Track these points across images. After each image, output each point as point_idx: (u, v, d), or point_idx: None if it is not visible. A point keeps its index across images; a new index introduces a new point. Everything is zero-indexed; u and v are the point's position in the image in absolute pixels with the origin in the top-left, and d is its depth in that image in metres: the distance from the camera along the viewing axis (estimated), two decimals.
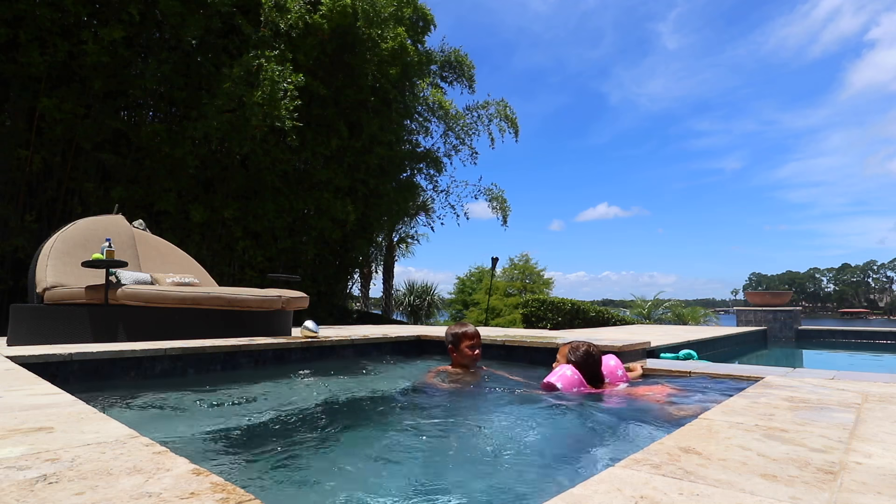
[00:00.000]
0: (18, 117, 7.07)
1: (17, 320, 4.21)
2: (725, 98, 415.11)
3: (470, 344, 3.34)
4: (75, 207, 7.47)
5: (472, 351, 3.33)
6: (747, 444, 1.22)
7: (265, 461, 1.66)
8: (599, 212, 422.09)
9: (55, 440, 1.11)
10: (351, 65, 9.50)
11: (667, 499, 0.84)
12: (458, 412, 2.49)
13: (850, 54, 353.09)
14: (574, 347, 3.01)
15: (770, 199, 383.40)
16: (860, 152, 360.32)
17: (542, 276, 21.77)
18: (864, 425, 1.47)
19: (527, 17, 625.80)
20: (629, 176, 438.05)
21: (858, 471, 1.04)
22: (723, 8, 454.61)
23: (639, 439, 1.95)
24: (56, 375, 2.67)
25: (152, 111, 8.65)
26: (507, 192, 14.81)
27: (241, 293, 4.32)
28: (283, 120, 7.68)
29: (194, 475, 0.88)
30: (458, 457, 1.84)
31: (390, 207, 11.33)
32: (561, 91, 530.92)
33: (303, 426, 2.27)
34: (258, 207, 8.93)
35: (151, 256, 5.23)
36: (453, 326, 3.47)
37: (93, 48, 6.74)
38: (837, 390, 2.10)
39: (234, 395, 2.84)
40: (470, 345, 3.34)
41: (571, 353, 2.98)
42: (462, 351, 3.33)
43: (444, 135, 13.86)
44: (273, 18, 8.17)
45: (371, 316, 13.58)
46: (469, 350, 3.33)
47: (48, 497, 0.78)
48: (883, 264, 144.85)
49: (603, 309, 12.99)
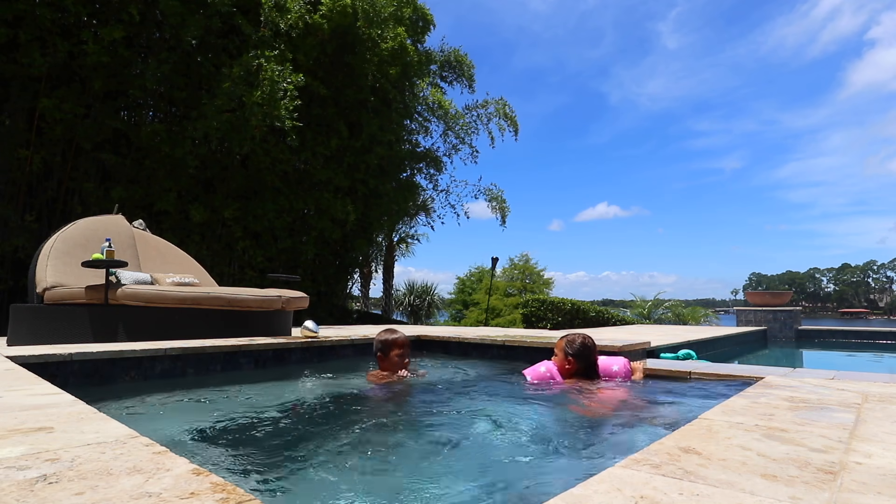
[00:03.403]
0: (18, 117, 7.07)
1: (17, 320, 4.21)
2: (725, 98, 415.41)
3: (399, 353, 3.18)
4: (75, 207, 7.47)
5: (400, 360, 3.18)
6: (747, 444, 1.22)
7: (265, 461, 1.66)
8: (599, 211, 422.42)
9: (55, 440, 1.11)
10: (351, 65, 9.51)
11: (667, 499, 0.84)
12: (457, 413, 2.49)
13: (851, 54, 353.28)
14: (570, 340, 3.06)
15: (770, 199, 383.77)
16: (860, 152, 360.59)
17: (542, 276, 21.78)
18: (864, 425, 1.47)
19: (526, 16, 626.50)
20: (629, 176, 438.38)
21: (858, 471, 1.04)
22: (723, 7, 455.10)
23: (612, 439, 1.95)
24: (56, 375, 2.67)
25: (152, 111, 8.66)
26: (506, 192, 14.83)
27: (241, 293, 4.32)
28: (282, 120, 7.68)
29: (194, 475, 0.88)
30: (458, 457, 1.84)
31: (390, 207, 11.33)
32: (561, 91, 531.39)
33: (303, 426, 2.27)
34: (258, 207, 8.93)
35: (151, 256, 5.23)
36: (383, 333, 3.28)
37: (93, 48, 6.74)
38: (837, 390, 2.10)
39: (234, 396, 2.84)
40: (399, 353, 3.18)
41: (568, 346, 3.03)
42: (391, 359, 3.18)
43: (443, 134, 13.86)
44: (273, 18, 8.17)
45: (371, 316, 13.58)
46: (398, 359, 3.18)
47: (48, 497, 0.78)
48: (883, 264, 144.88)
49: (603, 309, 12.97)
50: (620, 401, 2.63)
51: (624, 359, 3.15)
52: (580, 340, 3.04)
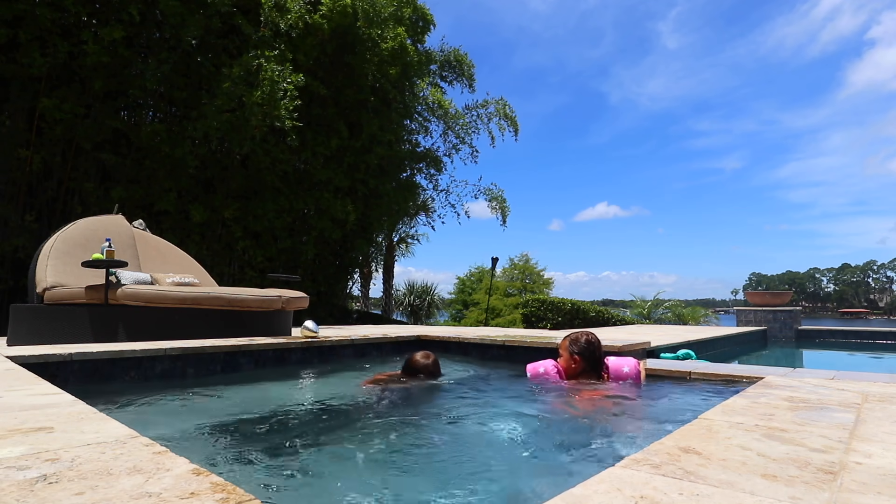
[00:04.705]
0: (18, 117, 7.07)
1: (17, 320, 4.21)
2: (725, 98, 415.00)
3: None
4: (75, 207, 7.47)
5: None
6: (747, 444, 1.22)
7: (265, 461, 1.66)
8: (599, 211, 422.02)
9: (55, 440, 1.11)
10: (351, 65, 9.51)
11: (667, 499, 0.84)
12: (457, 412, 2.49)
13: (851, 53, 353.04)
14: (574, 339, 3.04)
15: (770, 199, 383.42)
16: (860, 152, 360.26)
17: (542, 276, 21.79)
18: (864, 425, 1.47)
19: (526, 16, 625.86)
20: (629, 176, 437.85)
21: (858, 471, 1.04)
22: (723, 7, 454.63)
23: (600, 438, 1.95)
24: (56, 375, 2.67)
25: (152, 111, 8.66)
26: (506, 192, 14.76)
27: (241, 293, 4.32)
28: (282, 120, 7.68)
29: (194, 475, 0.88)
30: (457, 456, 1.84)
31: (390, 207, 11.33)
32: (561, 91, 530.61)
33: (303, 426, 2.27)
34: (258, 207, 8.93)
35: (151, 256, 5.23)
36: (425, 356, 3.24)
37: (93, 48, 6.74)
38: (837, 390, 2.10)
39: (235, 396, 2.84)
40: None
41: (573, 345, 3.01)
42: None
43: (443, 134, 13.86)
44: (273, 18, 8.17)
45: (371, 316, 13.58)
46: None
47: (48, 497, 0.78)
48: (883, 264, 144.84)
49: (603, 309, 12.97)
50: (620, 401, 2.63)
51: (634, 360, 3.09)
52: (585, 338, 3.03)
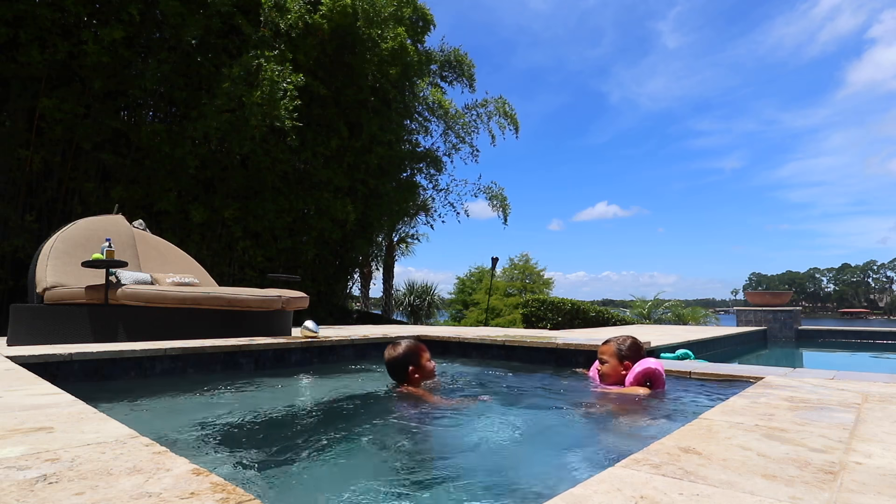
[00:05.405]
0: (18, 117, 7.07)
1: (17, 320, 4.21)
2: (725, 97, 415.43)
3: (428, 356, 2.92)
4: (75, 207, 7.47)
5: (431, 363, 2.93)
6: (747, 444, 1.22)
7: (265, 461, 1.66)
8: (598, 211, 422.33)
9: (55, 440, 1.11)
10: (351, 65, 9.51)
11: (667, 499, 0.84)
12: (457, 412, 2.48)
13: (850, 53, 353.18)
14: (621, 342, 2.91)
15: (770, 199, 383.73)
16: (860, 152, 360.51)
17: (542, 276, 21.78)
18: (864, 425, 1.47)
19: (526, 15, 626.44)
20: (629, 175, 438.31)
21: (858, 471, 1.04)
22: (723, 6, 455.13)
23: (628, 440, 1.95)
24: (56, 375, 2.67)
25: (152, 111, 8.66)
26: (506, 192, 14.78)
27: (241, 293, 4.32)
28: (282, 120, 7.69)
29: (194, 475, 0.88)
30: (458, 456, 1.84)
31: (390, 207, 11.34)
32: (561, 90, 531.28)
33: (303, 426, 2.27)
34: (258, 207, 8.93)
35: (151, 256, 5.23)
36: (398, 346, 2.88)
37: (93, 48, 6.74)
38: (837, 390, 2.09)
39: (234, 396, 2.84)
40: (428, 356, 2.92)
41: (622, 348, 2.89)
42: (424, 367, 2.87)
43: (443, 134, 13.86)
44: (273, 18, 8.17)
45: (371, 316, 13.57)
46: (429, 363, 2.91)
47: (48, 497, 0.78)
48: (883, 264, 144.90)
49: (603, 309, 12.97)
50: (621, 401, 2.63)
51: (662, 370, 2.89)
52: (631, 341, 2.89)
